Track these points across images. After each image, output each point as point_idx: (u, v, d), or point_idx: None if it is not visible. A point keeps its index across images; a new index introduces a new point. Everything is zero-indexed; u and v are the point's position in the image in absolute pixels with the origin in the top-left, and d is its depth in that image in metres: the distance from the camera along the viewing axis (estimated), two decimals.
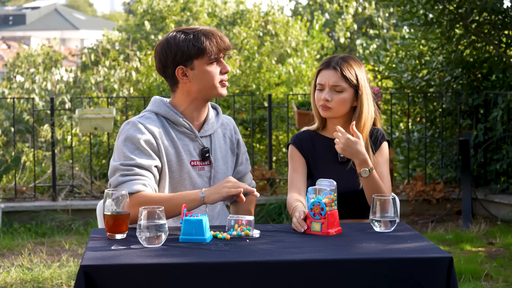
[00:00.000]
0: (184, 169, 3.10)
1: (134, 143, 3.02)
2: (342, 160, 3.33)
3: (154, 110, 3.13)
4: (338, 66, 3.29)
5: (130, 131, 3.04)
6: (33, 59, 12.18)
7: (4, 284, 5.27)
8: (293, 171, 3.35)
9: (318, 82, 3.33)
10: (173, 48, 3.07)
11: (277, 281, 2.50)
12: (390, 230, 2.88)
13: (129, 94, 9.85)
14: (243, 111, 8.85)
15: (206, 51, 3.05)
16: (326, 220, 2.82)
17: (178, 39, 3.07)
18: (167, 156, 3.08)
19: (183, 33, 3.08)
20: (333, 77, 3.28)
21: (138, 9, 13.91)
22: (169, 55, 3.07)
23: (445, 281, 2.55)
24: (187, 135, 3.13)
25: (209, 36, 3.07)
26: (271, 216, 7.28)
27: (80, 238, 6.76)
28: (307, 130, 3.43)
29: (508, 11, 7.47)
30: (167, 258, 2.54)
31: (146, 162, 3.00)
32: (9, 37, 34.25)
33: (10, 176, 8.00)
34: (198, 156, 3.14)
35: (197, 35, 3.06)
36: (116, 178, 2.99)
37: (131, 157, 3.00)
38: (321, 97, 3.31)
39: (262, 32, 12.87)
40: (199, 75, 3.08)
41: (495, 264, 5.68)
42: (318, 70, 3.35)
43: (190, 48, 3.05)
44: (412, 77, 8.21)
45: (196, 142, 3.14)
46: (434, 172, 8.23)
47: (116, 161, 3.02)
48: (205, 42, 3.05)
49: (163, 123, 3.10)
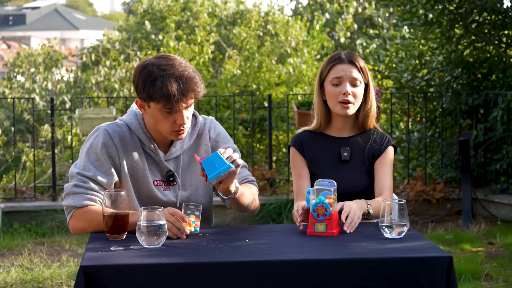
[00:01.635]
0: (148, 187, 3.04)
1: (97, 153, 2.98)
2: (345, 159, 3.27)
3: (127, 122, 3.07)
4: (354, 59, 3.22)
5: (96, 139, 3.00)
6: (34, 59, 12.18)
7: (4, 284, 5.27)
8: (298, 178, 3.28)
9: (335, 76, 3.20)
10: (139, 79, 2.93)
11: (277, 281, 2.51)
12: (401, 236, 2.81)
13: (130, 94, 9.85)
14: (243, 111, 8.85)
15: (165, 101, 2.87)
16: (331, 220, 2.79)
17: (148, 73, 2.89)
18: (130, 170, 3.02)
19: (157, 69, 2.88)
20: (352, 70, 3.20)
21: (138, 9, 13.91)
22: (135, 82, 2.96)
23: (445, 281, 2.55)
24: (151, 156, 3.06)
25: (177, 86, 2.86)
26: (271, 216, 7.28)
27: (80, 238, 6.76)
28: (306, 130, 3.35)
29: (508, 11, 7.47)
30: (167, 258, 2.54)
31: (102, 177, 2.96)
32: (9, 37, 34.26)
33: (10, 176, 8.00)
34: (162, 177, 3.07)
35: (165, 80, 2.86)
36: (70, 186, 2.98)
37: (90, 168, 2.96)
38: (341, 91, 3.19)
39: (262, 32, 12.88)
40: (153, 116, 2.96)
41: (495, 264, 5.68)
42: (330, 66, 3.22)
43: (151, 89, 2.88)
44: (412, 77, 8.21)
45: (161, 165, 3.06)
46: (434, 172, 8.23)
47: (76, 167, 3.00)
48: (171, 90, 2.84)
49: (132, 137, 3.04)
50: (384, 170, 3.25)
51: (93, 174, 2.95)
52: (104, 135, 3.00)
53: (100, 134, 3.01)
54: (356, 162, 3.28)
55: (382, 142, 3.30)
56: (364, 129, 3.32)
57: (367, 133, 3.32)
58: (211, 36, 10.36)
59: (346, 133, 3.32)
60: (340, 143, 3.30)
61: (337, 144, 3.29)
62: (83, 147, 3.04)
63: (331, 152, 3.29)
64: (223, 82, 9.43)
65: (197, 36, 10.24)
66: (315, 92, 3.31)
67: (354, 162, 3.28)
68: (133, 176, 3.03)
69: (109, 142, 2.99)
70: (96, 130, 3.04)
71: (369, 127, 3.31)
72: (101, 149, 2.97)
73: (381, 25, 15.77)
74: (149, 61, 2.94)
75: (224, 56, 11.88)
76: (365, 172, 3.27)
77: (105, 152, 2.98)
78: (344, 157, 3.27)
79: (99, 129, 3.04)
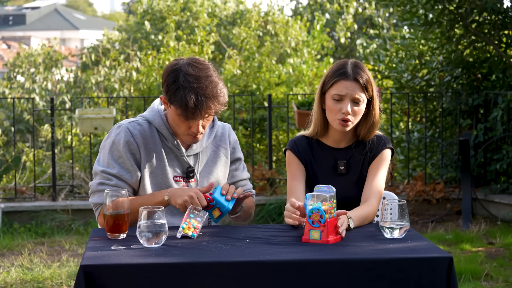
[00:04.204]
0: (167, 183, 3.11)
1: (119, 151, 3.05)
2: (341, 172, 3.23)
3: (149, 118, 3.14)
4: (359, 76, 3.12)
5: (118, 136, 3.07)
6: (34, 59, 12.17)
7: (4, 284, 5.27)
8: (291, 179, 3.23)
9: (337, 92, 3.12)
10: (165, 80, 3.01)
11: (277, 281, 2.50)
12: (401, 236, 2.80)
13: (130, 94, 9.86)
14: (243, 111, 8.86)
15: (182, 110, 2.97)
16: (326, 228, 2.72)
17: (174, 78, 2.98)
18: (150, 167, 3.10)
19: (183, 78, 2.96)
20: (356, 89, 3.12)
21: (138, 9, 13.92)
22: (162, 80, 3.04)
23: (445, 281, 2.55)
24: (173, 151, 3.14)
25: (195, 101, 2.94)
26: (271, 216, 7.28)
27: (80, 238, 6.76)
28: (303, 136, 3.30)
29: (508, 11, 7.47)
30: (167, 258, 2.54)
31: (126, 174, 3.05)
32: (9, 37, 34.24)
33: (10, 176, 7.99)
34: (182, 173, 3.15)
35: (187, 92, 2.94)
36: (96, 184, 3.06)
37: (114, 166, 3.04)
38: (342, 109, 3.13)
39: (262, 32, 12.87)
40: (172, 117, 3.07)
41: (495, 264, 5.68)
42: (334, 81, 3.14)
43: (172, 96, 2.98)
44: (412, 77, 8.21)
45: (182, 160, 3.15)
46: (434, 172, 8.23)
47: (99, 165, 3.07)
48: (189, 103, 2.93)
49: (153, 134, 3.11)
50: (375, 174, 3.20)
51: (117, 171, 3.04)
52: (126, 133, 3.07)
53: (122, 132, 3.07)
54: (353, 174, 3.24)
55: (378, 146, 3.25)
56: (363, 139, 3.26)
57: (364, 142, 3.27)
58: (211, 36, 10.36)
59: (343, 144, 3.26)
60: (337, 155, 3.25)
61: (334, 156, 3.25)
62: (103, 143, 3.11)
63: (328, 164, 3.25)
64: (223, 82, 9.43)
65: (197, 36, 10.23)
66: (315, 100, 3.25)
67: (350, 174, 3.24)
68: (153, 173, 3.10)
69: (130, 140, 3.06)
70: (117, 127, 3.10)
71: (369, 139, 3.25)
72: (124, 147, 3.05)
73: (381, 25, 15.77)
74: (179, 65, 3.00)
75: (224, 56, 11.88)
76: (362, 183, 3.23)
77: (127, 150, 3.06)
78: (341, 170, 3.24)
79: (120, 126, 3.10)
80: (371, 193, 3.15)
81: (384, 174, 3.23)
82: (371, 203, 3.12)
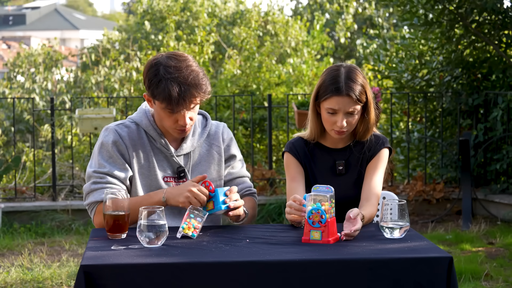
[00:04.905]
0: (157, 184, 3.10)
1: (109, 151, 3.06)
2: (340, 172, 3.24)
3: (136, 120, 3.14)
4: (352, 91, 3.10)
5: (106, 138, 3.08)
6: (34, 59, 12.17)
7: (4, 284, 5.27)
8: (291, 181, 3.23)
9: (330, 107, 3.11)
10: (146, 76, 3.01)
11: (277, 281, 2.51)
12: (401, 236, 2.80)
13: (130, 94, 9.86)
14: (243, 111, 8.85)
15: (167, 103, 2.95)
16: (327, 228, 2.71)
17: (154, 72, 2.98)
18: (140, 169, 3.09)
19: (164, 70, 2.96)
20: (348, 104, 3.11)
21: (138, 9, 13.91)
22: (143, 77, 3.04)
23: (445, 281, 2.55)
24: (162, 151, 3.13)
25: (179, 90, 2.93)
26: (271, 216, 7.28)
27: (80, 238, 6.76)
28: (300, 138, 3.30)
29: (508, 11, 7.47)
30: (167, 258, 2.54)
31: (118, 172, 3.05)
32: (9, 37, 34.24)
33: (10, 176, 7.99)
34: (173, 173, 3.13)
35: (169, 83, 2.93)
36: (89, 185, 3.06)
37: (105, 165, 3.04)
38: (336, 123, 3.13)
39: (262, 32, 12.87)
40: (157, 112, 3.06)
41: (495, 264, 5.68)
42: (327, 96, 3.12)
43: (155, 90, 2.97)
44: (412, 77, 8.21)
45: (172, 161, 3.13)
46: (434, 172, 8.23)
47: (91, 167, 3.07)
48: (173, 93, 2.92)
49: (140, 135, 3.11)
50: (374, 173, 3.20)
51: (109, 169, 3.04)
52: (114, 134, 3.08)
53: (110, 133, 3.09)
54: (351, 174, 3.24)
55: (376, 145, 3.25)
56: (361, 139, 3.27)
57: (362, 141, 3.27)
58: (211, 36, 10.35)
59: (341, 144, 3.27)
60: (335, 155, 3.26)
61: (332, 156, 3.25)
62: (94, 147, 3.12)
63: (326, 164, 3.25)
64: (223, 82, 9.43)
65: (197, 36, 10.23)
66: (310, 107, 3.24)
67: (349, 174, 3.24)
68: (142, 174, 3.10)
69: (119, 141, 3.07)
70: (105, 130, 3.12)
71: (367, 138, 3.26)
72: (112, 147, 3.06)
73: (381, 25, 15.77)
74: (158, 60, 3.01)
75: (224, 56, 11.87)
76: (361, 183, 3.23)
77: (116, 150, 3.06)
78: (339, 170, 3.24)
79: (108, 128, 3.11)
80: (372, 193, 3.15)
81: (382, 174, 3.24)
82: (373, 203, 3.12)
